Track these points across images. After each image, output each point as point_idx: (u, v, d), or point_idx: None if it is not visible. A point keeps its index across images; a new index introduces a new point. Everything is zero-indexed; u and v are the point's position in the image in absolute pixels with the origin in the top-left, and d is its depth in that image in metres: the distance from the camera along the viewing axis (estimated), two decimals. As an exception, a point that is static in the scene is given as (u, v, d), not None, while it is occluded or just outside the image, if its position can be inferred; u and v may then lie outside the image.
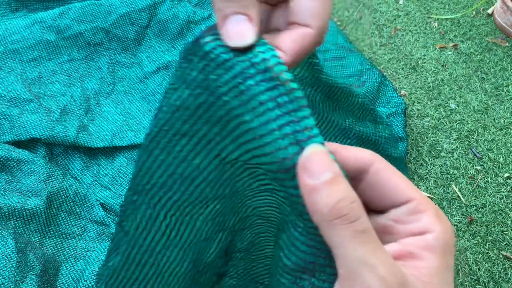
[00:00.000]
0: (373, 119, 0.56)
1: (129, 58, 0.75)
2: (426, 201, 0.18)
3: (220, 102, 0.21)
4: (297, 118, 0.19)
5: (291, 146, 0.19)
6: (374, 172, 0.19)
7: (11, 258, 0.47)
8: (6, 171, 0.54)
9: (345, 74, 0.77)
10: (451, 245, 0.18)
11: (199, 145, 0.23)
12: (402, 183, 0.19)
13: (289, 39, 0.20)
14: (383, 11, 0.94)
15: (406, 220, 0.18)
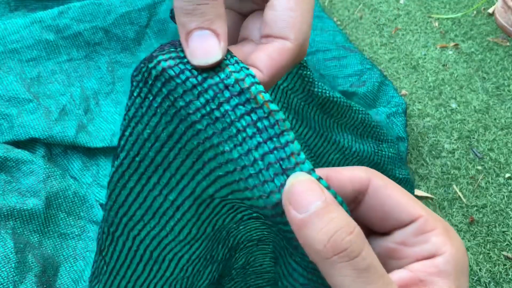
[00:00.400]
0: (376, 137, 0.51)
1: (129, 57, 0.75)
2: (434, 218, 0.17)
3: (192, 130, 0.18)
4: (280, 144, 0.17)
5: (277, 176, 0.17)
6: (373, 191, 0.17)
7: (10, 259, 0.46)
8: (5, 171, 0.54)
9: (345, 74, 0.77)
10: (464, 265, 0.16)
11: (173, 179, 0.20)
12: (404, 200, 0.17)
13: (265, 55, 0.17)
14: (383, 11, 0.94)
15: (413, 242, 0.16)
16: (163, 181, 0.20)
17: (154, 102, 0.18)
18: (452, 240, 0.16)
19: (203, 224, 0.23)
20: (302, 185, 0.15)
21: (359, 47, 0.87)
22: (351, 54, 0.80)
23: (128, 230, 0.23)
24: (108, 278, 0.26)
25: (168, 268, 0.25)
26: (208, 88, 0.17)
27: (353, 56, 0.79)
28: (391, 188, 0.17)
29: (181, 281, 0.26)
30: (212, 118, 0.17)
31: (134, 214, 0.22)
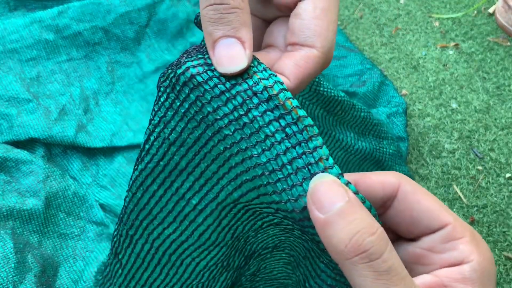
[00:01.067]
0: (377, 134, 0.52)
1: (128, 57, 0.75)
2: (462, 225, 0.16)
3: (219, 136, 0.18)
4: (309, 149, 0.17)
5: (306, 181, 0.17)
6: (402, 196, 0.17)
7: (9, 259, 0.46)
8: (5, 171, 0.54)
9: (345, 74, 0.77)
10: (491, 274, 0.16)
11: (197, 183, 0.21)
12: (434, 206, 0.17)
13: (292, 62, 0.18)
14: (383, 10, 0.94)
15: (440, 249, 0.16)
16: (187, 185, 0.21)
17: (181, 108, 0.19)
18: (480, 249, 0.16)
19: (223, 230, 0.23)
20: (325, 186, 0.15)
21: (359, 47, 0.87)
22: (351, 54, 0.80)
23: (147, 233, 0.23)
24: (123, 281, 0.26)
25: (184, 272, 0.25)
26: (236, 94, 0.18)
27: (353, 56, 0.79)
28: (421, 194, 0.17)
29: (195, 286, 0.26)
30: (240, 123, 0.18)
31: (155, 217, 0.22)
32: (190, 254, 0.24)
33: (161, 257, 0.24)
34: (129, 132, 0.66)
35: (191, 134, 0.19)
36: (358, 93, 0.72)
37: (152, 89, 0.73)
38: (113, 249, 0.26)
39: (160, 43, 0.77)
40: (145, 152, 0.21)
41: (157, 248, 0.24)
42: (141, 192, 0.22)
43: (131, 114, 0.69)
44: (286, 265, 0.30)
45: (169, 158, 0.20)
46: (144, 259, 0.24)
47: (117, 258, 0.26)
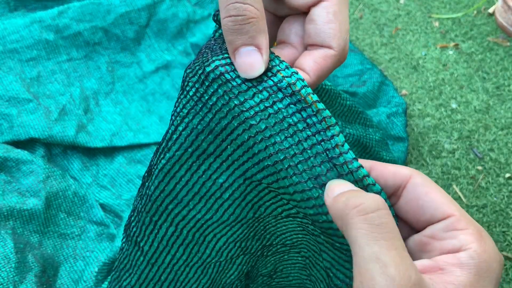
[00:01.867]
0: (363, 122, 0.54)
1: (128, 57, 0.75)
2: (468, 220, 0.18)
3: (245, 125, 0.21)
4: (327, 136, 0.19)
5: (324, 163, 0.19)
6: (411, 187, 0.19)
7: (10, 259, 0.46)
8: (5, 171, 0.54)
9: (345, 74, 0.77)
10: (491, 270, 0.16)
11: (224, 164, 0.23)
12: (440, 198, 0.18)
13: (311, 60, 0.20)
14: (383, 11, 0.94)
15: (442, 237, 0.17)
16: (214, 167, 0.23)
17: (210, 101, 0.21)
18: (482, 242, 0.17)
19: (247, 206, 0.25)
20: (336, 182, 0.19)
21: (359, 47, 0.87)
22: (351, 54, 0.80)
23: (172, 217, 0.25)
24: (145, 267, 0.28)
25: (206, 249, 0.27)
26: (263, 89, 0.20)
27: (353, 56, 0.79)
28: (430, 187, 0.18)
29: (213, 265, 0.28)
30: (266, 114, 0.20)
31: (180, 201, 0.24)
32: (212, 230, 0.26)
33: (185, 237, 0.26)
34: (129, 132, 0.66)
35: (218, 124, 0.21)
36: (358, 93, 0.72)
37: (152, 89, 0.73)
38: (132, 239, 0.27)
39: (160, 43, 0.77)
40: (172, 142, 0.23)
41: (181, 229, 0.26)
42: (168, 178, 0.24)
43: (131, 114, 0.69)
44: (301, 271, 0.31)
45: (198, 145, 0.22)
46: (168, 241, 0.26)
47: (138, 246, 0.27)
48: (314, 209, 0.20)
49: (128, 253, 0.28)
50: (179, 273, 0.28)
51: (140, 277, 0.28)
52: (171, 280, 0.28)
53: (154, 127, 0.68)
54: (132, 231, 0.27)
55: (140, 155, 0.65)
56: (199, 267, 0.28)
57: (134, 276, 0.29)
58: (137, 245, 0.27)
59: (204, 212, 0.25)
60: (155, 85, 0.73)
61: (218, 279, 0.30)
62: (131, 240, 0.28)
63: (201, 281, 0.29)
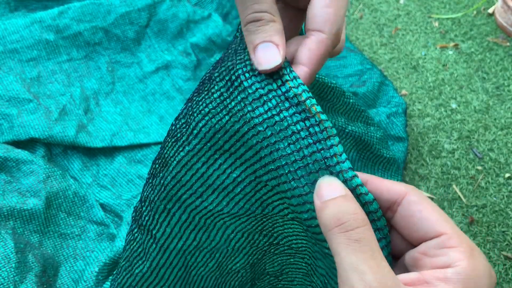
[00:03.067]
0: (365, 121, 0.55)
1: (129, 57, 0.75)
2: (460, 238, 0.18)
3: (254, 131, 0.23)
4: (326, 146, 0.21)
5: (321, 170, 0.20)
6: (406, 204, 0.19)
7: (10, 259, 0.46)
8: (5, 171, 0.54)
9: (345, 74, 0.77)
10: (479, 285, 0.17)
11: (238, 161, 0.25)
12: (433, 216, 0.19)
13: (305, 49, 0.21)
14: (383, 11, 0.94)
15: (433, 254, 0.18)
16: (229, 162, 0.25)
17: (229, 105, 0.23)
18: (472, 259, 0.17)
19: (257, 202, 0.27)
20: (326, 182, 0.19)
21: (359, 47, 0.87)
22: (351, 54, 0.80)
23: (186, 206, 0.27)
24: (157, 254, 0.30)
25: (216, 236, 0.29)
26: (272, 98, 0.22)
27: (353, 56, 0.79)
28: (424, 204, 0.19)
29: (221, 251, 0.30)
30: (272, 121, 0.22)
31: (195, 191, 0.26)
32: (223, 219, 0.28)
33: (196, 223, 0.28)
34: (129, 132, 0.66)
35: (232, 127, 0.23)
36: (358, 93, 0.72)
37: (152, 89, 0.73)
38: (145, 228, 0.29)
39: (160, 43, 0.77)
40: (193, 136, 0.25)
41: (194, 216, 0.27)
42: (185, 170, 0.26)
43: (131, 114, 0.69)
44: (305, 277, 0.32)
45: (215, 142, 0.24)
46: (181, 227, 0.28)
47: (151, 234, 0.29)
48: (309, 213, 0.22)
49: (141, 241, 0.30)
50: (189, 258, 0.30)
51: (152, 263, 0.30)
52: (182, 265, 0.30)
53: (154, 127, 0.68)
54: (144, 220, 0.29)
55: (140, 155, 0.65)
56: (207, 252, 0.30)
57: (146, 263, 0.30)
58: (150, 233, 0.29)
59: (216, 204, 0.27)
60: (155, 85, 0.73)
61: (224, 264, 0.31)
62: (143, 229, 0.29)
63: (208, 264, 0.31)
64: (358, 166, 0.56)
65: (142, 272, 0.31)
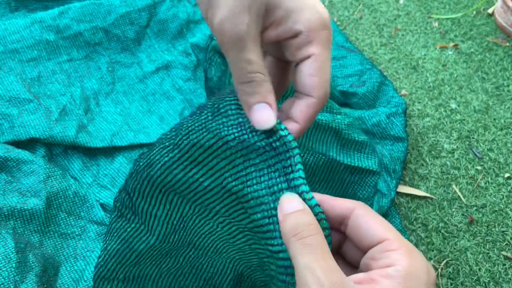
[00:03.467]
0: (329, 111, 0.59)
1: (129, 58, 0.75)
2: (400, 242, 0.21)
3: (227, 145, 0.27)
4: (285, 157, 0.24)
5: (280, 177, 0.25)
6: (354, 217, 0.23)
7: (10, 258, 0.47)
8: (6, 171, 0.54)
9: (345, 74, 0.77)
10: (418, 278, 0.20)
11: (210, 171, 0.29)
12: (377, 225, 0.22)
13: (298, 110, 0.25)
14: (383, 11, 0.94)
15: (378, 257, 0.21)
16: (201, 172, 0.29)
17: (210, 126, 0.27)
18: (410, 258, 0.21)
19: (224, 207, 0.31)
20: (286, 199, 0.23)
21: (359, 47, 0.87)
22: (351, 54, 0.80)
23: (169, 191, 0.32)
24: (161, 227, 0.36)
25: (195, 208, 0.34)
26: (248, 126, 0.26)
27: (353, 56, 0.79)
28: (369, 217, 0.23)
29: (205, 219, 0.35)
30: (242, 138, 0.26)
31: (175, 190, 0.31)
32: (209, 204, 0.33)
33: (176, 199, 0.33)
34: (129, 132, 0.66)
35: (207, 142, 0.28)
36: (357, 93, 0.72)
37: (152, 89, 0.73)
38: (136, 218, 0.35)
39: (161, 44, 0.77)
40: (176, 147, 0.29)
41: (177, 198, 0.33)
42: (167, 173, 0.30)
43: (132, 114, 0.69)
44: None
45: (192, 153, 0.29)
46: (167, 199, 0.33)
47: (150, 215, 0.34)
48: (262, 213, 0.25)
49: (140, 222, 0.36)
50: (187, 221, 0.36)
51: (159, 235, 0.36)
52: (183, 228, 0.36)
53: (154, 127, 0.69)
54: (141, 206, 0.34)
55: (140, 155, 0.65)
56: (200, 219, 0.35)
57: (153, 237, 0.36)
58: (148, 214, 0.35)
59: (194, 193, 0.31)
60: (156, 85, 0.73)
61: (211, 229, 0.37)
62: (134, 220, 0.35)
63: (204, 225, 0.36)
64: (334, 150, 0.58)
65: (148, 244, 0.37)
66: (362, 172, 0.59)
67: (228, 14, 0.22)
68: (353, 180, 0.59)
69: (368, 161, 0.60)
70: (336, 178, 0.59)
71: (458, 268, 0.57)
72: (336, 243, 0.25)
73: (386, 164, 0.64)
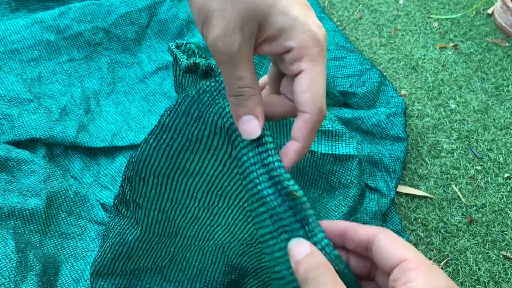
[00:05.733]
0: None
1: (129, 58, 0.75)
2: (419, 259, 0.22)
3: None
4: (268, 161, 0.26)
5: (261, 169, 0.26)
6: (377, 242, 0.24)
7: (11, 258, 0.47)
8: (6, 171, 0.54)
9: (345, 74, 0.77)
10: None
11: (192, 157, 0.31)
12: (397, 247, 0.23)
13: (296, 128, 0.26)
14: (383, 11, 0.94)
15: (399, 277, 0.22)
16: (196, 150, 0.32)
17: (204, 116, 0.29)
18: (428, 275, 0.21)
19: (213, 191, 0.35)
20: (294, 243, 0.25)
21: (358, 47, 0.87)
22: (350, 54, 0.80)
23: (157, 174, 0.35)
24: (145, 217, 0.37)
25: (184, 195, 0.36)
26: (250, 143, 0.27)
27: (352, 57, 0.79)
28: (389, 239, 0.24)
29: (192, 206, 0.38)
30: (246, 149, 0.27)
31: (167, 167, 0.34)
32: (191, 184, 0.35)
33: (170, 185, 0.36)
34: (130, 132, 0.66)
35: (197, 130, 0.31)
36: (357, 93, 0.72)
37: (152, 89, 0.73)
38: (130, 200, 0.37)
39: (161, 44, 0.77)
40: (163, 130, 0.32)
41: (167, 180, 0.35)
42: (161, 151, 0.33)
43: (132, 114, 0.69)
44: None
45: (183, 133, 0.31)
46: (156, 189, 0.35)
47: (136, 203, 0.36)
48: (252, 205, 0.27)
49: (131, 214, 0.37)
50: (170, 212, 0.37)
51: (143, 225, 0.37)
52: (166, 219, 0.38)
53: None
54: (127, 195, 0.36)
55: (140, 155, 0.65)
56: (182, 208, 0.38)
57: (138, 228, 0.38)
58: (134, 202, 0.36)
59: (184, 173, 0.34)
60: (156, 86, 0.73)
61: (201, 215, 0.39)
62: (129, 202, 0.37)
63: (187, 216, 0.38)
64: (315, 145, 0.59)
65: (135, 236, 0.38)
66: (343, 159, 0.59)
67: (221, 33, 0.23)
68: (336, 169, 0.59)
69: (347, 148, 0.60)
70: (321, 171, 0.59)
71: (458, 268, 0.57)
72: (366, 269, 0.26)
73: (386, 164, 0.64)
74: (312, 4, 0.91)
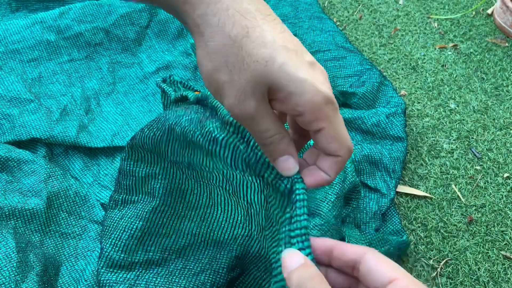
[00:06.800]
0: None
1: (129, 58, 0.75)
2: (409, 279, 0.23)
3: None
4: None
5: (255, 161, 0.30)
6: (364, 262, 0.24)
7: (11, 258, 0.47)
8: (7, 171, 0.54)
9: (345, 74, 0.77)
10: None
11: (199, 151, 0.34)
12: (386, 267, 0.24)
13: (328, 165, 0.27)
14: (382, 11, 0.94)
15: None
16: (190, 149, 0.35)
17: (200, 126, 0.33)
18: None
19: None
20: (287, 254, 0.25)
21: (358, 47, 0.87)
22: (350, 54, 0.80)
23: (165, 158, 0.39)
24: (160, 185, 0.42)
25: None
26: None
27: (352, 57, 0.79)
28: (378, 260, 0.24)
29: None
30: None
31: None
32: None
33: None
34: (130, 132, 0.66)
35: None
36: (357, 93, 0.72)
37: (152, 89, 0.73)
38: (135, 194, 0.45)
39: (161, 44, 0.77)
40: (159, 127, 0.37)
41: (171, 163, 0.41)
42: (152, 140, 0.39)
43: (132, 114, 0.69)
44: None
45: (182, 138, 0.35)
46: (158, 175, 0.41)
47: (148, 195, 0.42)
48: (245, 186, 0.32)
49: (145, 192, 0.42)
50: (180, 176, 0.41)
51: (157, 195, 0.42)
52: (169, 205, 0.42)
53: (154, 127, 0.69)
54: (126, 189, 0.41)
55: (140, 155, 0.65)
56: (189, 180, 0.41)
57: (152, 201, 0.42)
58: (146, 195, 0.41)
59: (181, 159, 0.37)
60: (156, 86, 0.74)
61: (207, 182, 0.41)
62: (136, 195, 0.42)
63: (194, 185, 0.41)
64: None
65: (152, 207, 0.42)
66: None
67: (235, 101, 0.24)
68: None
69: None
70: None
71: (458, 267, 0.57)
72: (345, 286, 0.27)
73: (386, 164, 0.64)
74: (312, 4, 0.91)
